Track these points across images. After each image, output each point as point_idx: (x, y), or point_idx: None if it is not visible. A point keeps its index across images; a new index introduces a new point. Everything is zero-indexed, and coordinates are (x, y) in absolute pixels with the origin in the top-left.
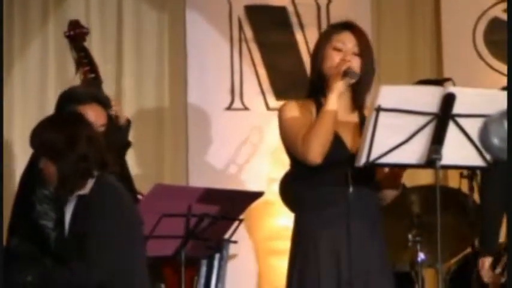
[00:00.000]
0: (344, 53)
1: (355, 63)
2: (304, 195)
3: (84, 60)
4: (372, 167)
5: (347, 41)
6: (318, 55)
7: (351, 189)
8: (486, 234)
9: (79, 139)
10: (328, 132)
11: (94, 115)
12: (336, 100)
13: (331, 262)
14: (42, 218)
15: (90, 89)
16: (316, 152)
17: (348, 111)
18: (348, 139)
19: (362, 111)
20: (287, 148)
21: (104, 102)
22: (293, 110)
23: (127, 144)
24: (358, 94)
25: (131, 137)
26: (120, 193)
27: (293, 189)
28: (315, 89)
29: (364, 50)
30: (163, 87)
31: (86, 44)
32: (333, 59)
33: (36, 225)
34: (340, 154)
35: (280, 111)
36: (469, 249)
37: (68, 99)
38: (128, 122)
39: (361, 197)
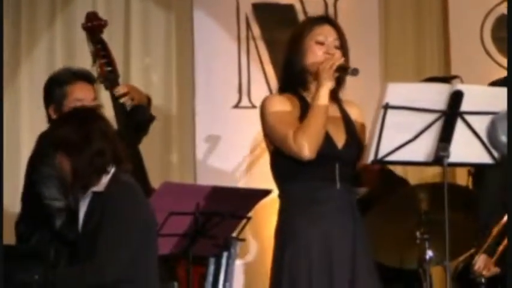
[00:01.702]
0: (326, 46)
1: (338, 56)
2: (292, 190)
3: (102, 53)
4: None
5: (328, 35)
6: (298, 48)
7: (338, 185)
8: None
9: (94, 134)
10: (322, 127)
11: (82, 92)
12: (327, 95)
13: (322, 258)
14: (46, 198)
15: (72, 68)
16: (310, 148)
17: (330, 105)
18: (333, 133)
19: (341, 104)
20: (273, 143)
21: (88, 78)
22: (279, 103)
23: (150, 118)
24: (338, 87)
25: None
26: (135, 192)
27: (279, 185)
28: (293, 83)
29: (344, 43)
30: (171, 86)
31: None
32: (316, 53)
33: (42, 204)
34: (328, 149)
35: (264, 104)
36: None
37: (54, 84)
38: (149, 99)
39: (347, 193)
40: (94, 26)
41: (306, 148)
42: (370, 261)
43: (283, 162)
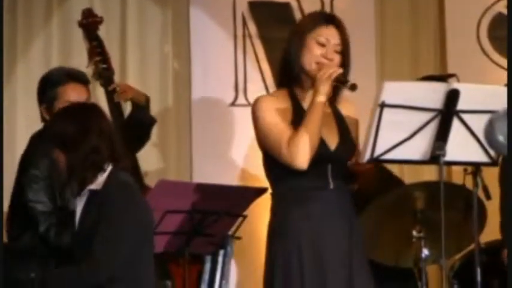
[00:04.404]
0: (326, 49)
1: (337, 61)
2: (284, 190)
3: (97, 50)
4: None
5: (331, 37)
6: (297, 43)
7: (331, 185)
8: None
9: (91, 131)
10: (316, 138)
11: (74, 94)
12: (322, 106)
13: (314, 258)
14: (30, 201)
15: (65, 68)
16: (304, 158)
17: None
18: (325, 135)
19: (333, 102)
20: (265, 147)
21: (81, 78)
22: (271, 105)
23: (152, 121)
24: (335, 95)
25: None
26: (132, 191)
27: (272, 183)
28: (288, 79)
29: (346, 48)
30: (167, 84)
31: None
32: (314, 51)
33: (26, 206)
34: (320, 151)
35: (256, 106)
36: (472, 246)
37: (47, 84)
38: (147, 98)
39: (341, 193)
40: (90, 23)
41: (299, 159)
42: (366, 261)
43: (276, 161)
